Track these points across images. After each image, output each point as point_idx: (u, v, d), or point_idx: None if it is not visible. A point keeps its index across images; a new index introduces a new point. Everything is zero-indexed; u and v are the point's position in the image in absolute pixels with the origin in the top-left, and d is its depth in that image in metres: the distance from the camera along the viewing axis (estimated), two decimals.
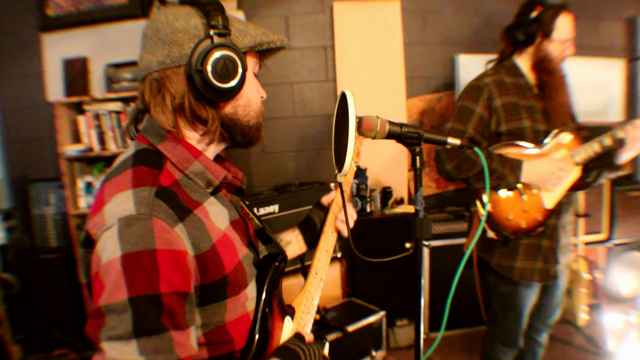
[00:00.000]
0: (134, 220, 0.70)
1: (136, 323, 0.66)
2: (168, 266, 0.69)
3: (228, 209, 0.89)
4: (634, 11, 3.37)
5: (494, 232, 1.74)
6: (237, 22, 0.85)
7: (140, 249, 0.68)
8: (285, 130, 3.15)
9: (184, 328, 0.71)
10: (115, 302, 0.66)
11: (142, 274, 0.67)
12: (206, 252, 0.77)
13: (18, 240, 3.01)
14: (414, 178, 0.98)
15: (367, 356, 2.65)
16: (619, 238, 2.92)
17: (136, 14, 2.93)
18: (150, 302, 0.67)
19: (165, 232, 0.71)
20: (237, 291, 0.84)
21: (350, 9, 3.08)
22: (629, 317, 2.77)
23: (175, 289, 0.70)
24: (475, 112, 1.74)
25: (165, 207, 0.73)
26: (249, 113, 0.88)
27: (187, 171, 0.82)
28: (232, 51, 0.80)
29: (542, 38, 1.71)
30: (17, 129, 3.06)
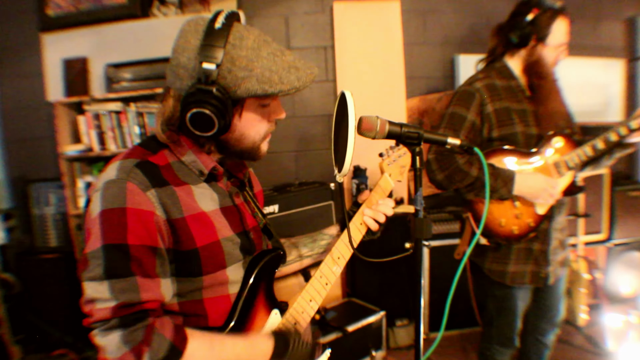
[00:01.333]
0: (113, 183, 0.84)
1: (107, 267, 0.79)
2: (135, 222, 0.82)
3: (220, 196, 0.98)
4: (634, 11, 3.37)
5: (486, 239, 1.73)
6: (242, 64, 0.86)
7: (113, 206, 0.82)
8: (285, 130, 3.15)
9: (152, 276, 0.83)
10: (93, 249, 0.81)
11: (112, 227, 0.81)
12: (176, 219, 0.87)
13: (18, 240, 3.01)
14: (414, 178, 0.98)
15: (367, 356, 2.65)
16: (619, 238, 2.92)
17: (136, 14, 2.93)
18: (118, 250, 0.80)
19: (136, 194, 0.84)
20: (212, 269, 0.92)
21: (350, 9, 3.08)
22: (629, 317, 2.77)
23: (142, 242, 0.82)
24: (466, 119, 1.70)
25: (141, 175, 0.86)
26: (242, 143, 0.96)
27: (183, 158, 0.94)
28: (209, 109, 0.85)
29: (536, 42, 1.67)
30: (17, 129, 3.07)
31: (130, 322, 0.78)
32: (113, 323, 0.78)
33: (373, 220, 1.17)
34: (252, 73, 0.86)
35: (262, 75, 0.87)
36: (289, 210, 2.70)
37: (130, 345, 0.77)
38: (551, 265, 1.77)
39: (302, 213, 2.74)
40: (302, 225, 2.69)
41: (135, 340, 0.77)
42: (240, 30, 0.87)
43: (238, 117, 0.92)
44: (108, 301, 0.78)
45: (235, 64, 0.86)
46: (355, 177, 2.97)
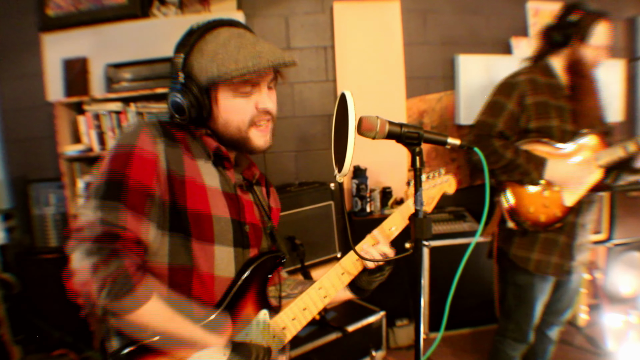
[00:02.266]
0: (131, 126, 0.96)
1: (101, 187, 0.88)
2: (139, 160, 0.90)
3: (224, 180, 1.03)
4: (634, 11, 3.37)
5: (514, 223, 1.83)
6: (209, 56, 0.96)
7: (125, 142, 0.93)
8: (285, 130, 3.15)
9: (139, 213, 0.88)
10: (99, 173, 0.91)
11: (119, 157, 0.90)
12: (174, 175, 0.94)
13: (18, 240, 3.01)
14: (414, 178, 0.98)
15: (367, 356, 2.65)
16: (619, 238, 2.92)
17: (136, 14, 2.93)
18: (116, 177, 0.88)
19: (148, 137, 0.93)
20: (200, 236, 0.96)
21: (350, 9, 3.08)
22: (629, 317, 2.77)
23: (140, 179, 0.89)
24: (506, 107, 1.81)
25: (156, 129, 0.95)
26: (227, 130, 1.03)
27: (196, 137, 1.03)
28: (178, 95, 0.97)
29: (578, 41, 1.76)
30: (17, 129, 3.06)
31: (100, 238, 0.83)
32: (86, 234, 0.83)
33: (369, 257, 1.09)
34: (214, 61, 0.95)
35: (222, 62, 0.95)
36: (289, 210, 2.70)
37: (91, 259, 0.81)
38: (575, 261, 1.85)
39: (302, 213, 2.74)
40: (302, 225, 2.69)
41: (96, 256, 0.81)
42: (220, 31, 0.99)
43: (216, 105, 1.00)
44: (90, 215, 0.85)
45: (203, 55, 0.97)
46: (355, 177, 2.97)
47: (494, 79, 1.87)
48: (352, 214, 2.98)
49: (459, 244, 2.86)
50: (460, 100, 3.22)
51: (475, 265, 2.89)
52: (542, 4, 3.30)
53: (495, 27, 3.26)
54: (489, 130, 1.81)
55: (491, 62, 3.18)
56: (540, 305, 1.90)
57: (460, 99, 3.22)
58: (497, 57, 3.21)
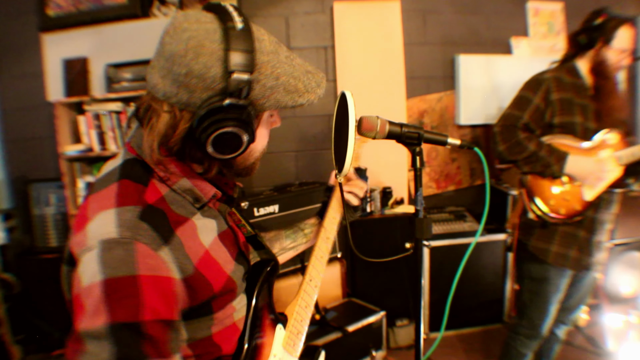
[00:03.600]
0: (116, 244, 0.66)
1: (116, 351, 0.62)
2: (151, 293, 0.66)
3: (217, 221, 0.86)
4: (634, 11, 3.37)
5: (534, 214, 1.89)
6: (268, 72, 0.75)
7: (121, 274, 0.65)
8: (285, 130, 3.15)
9: (167, 356, 0.67)
10: (95, 328, 0.63)
11: (122, 301, 0.64)
12: (191, 275, 0.74)
13: (18, 240, 3.01)
14: (414, 178, 0.98)
15: (367, 356, 2.65)
16: (619, 238, 2.91)
17: (136, 14, 2.93)
18: (130, 330, 0.64)
19: (149, 257, 0.68)
20: (223, 305, 0.83)
21: (350, 9, 3.08)
22: (629, 317, 2.77)
23: (158, 316, 0.66)
24: (532, 101, 1.87)
25: (150, 230, 0.70)
26: (247, 160, 0.85)
27: (174, 187, 0.79)
28: (241, 128, 0.73)
29: (602, 44, 1.83)
30: (17, 129, 3.06)
31: None
32: None
33: (352, 196, 1.19)
34: (279, 82, 0.76)
35: (287, 83, 0.77)
36: (289, 210, 2.70)
37: None
38: (593, 257, 1.90)
39: (302, 213, 2.74)
40: None
41: None
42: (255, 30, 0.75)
43: None
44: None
45: (262, 72, 0.74)
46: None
47: (494, 79, 1.89)
48: None
49: (459, 244, 2.86)
50: (461, 100, 3.22)
51: (476, 265, 2.89)
52: (542, 4, 3.30)
53: (495, 27, 3.26)
54: (514, 122, 1.87)
55: (491, 62, 3.18)
56: (556, 302, 1.93)
57: (461, 98, 3.22)
58: (497, 57, 3.21)
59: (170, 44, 0.72)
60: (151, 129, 0.75)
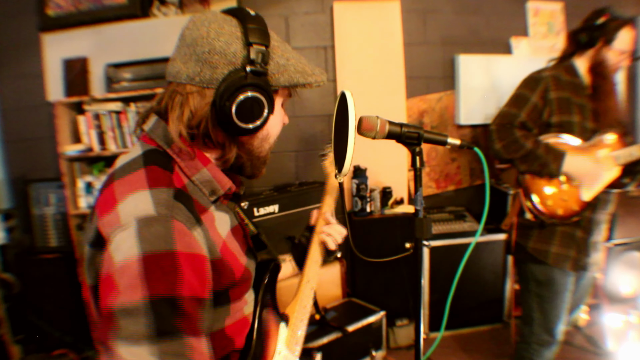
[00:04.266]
0: (154, 221, 0.68)
1: (152, 325, 0.63)
2: (188, 269, 0.68)
3: (229, 215, 0.89)
4: (634, 11, 3.37)
5: (531, 214, 1.88)
6: (279, 53, 0.82)
7: (161, 250, 0.66)
8: (285, 130, 3.11)
9: (199, 334, 0.69)
10: (132, 303, 0.63)
11: (162, 276, 0.65)
12: (218, 259, 0.77)
13: (18, 240, 3.01)
14: (414, 178, 0.98)
15: (367, 356, 2.65)
16: (619, 238, 2.91)
17: (136, 14, 2.93)
18: (168, 304, 0.65)
19: (185, 234, 0.70)
20: (239, 295, 0.86)
21: (350, 9, 3.08)
22: (629, 317, 2.77)
23: (194, 293, 0.68)
24: (530, 100, 1.86)
25: (184, 210, 0.73)
26: (263, 145, 0.89)
27: (194, 177, 0.81)
28: (262, 94, 0.78)
29: (602, 44, 1.83)
30: (17, 129, 3.06)
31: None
32: None
33: (331, 239, 1.18)
34: (289, 62, 0.83)
35: (296, 65, 0.83)
36: (289, 210, 2.70)
37: None
38: (590, 257, 1.89)
39: (302, 213, 2.74)
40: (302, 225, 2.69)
41: None
42: None
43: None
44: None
45: (274, 52, 0.81)
46: (356, 177, 2.97)
47: (494, 79, 1.89)
48: (352, 214, 2.98)
49: (459, 244, 2.86)
50: (460, 100, 3.22)
51: (476, 265, 2.89)
52: (542, 4, 3.30)
53: (495, 27, 3.26)
54: (511, 120, 1.86)
55: (491, 62, 3.18)
56: (566, 302, 1.89)
57: (461, 98, 3.22)
58: (497, 57, 3.21)
59: (192, 31, 0.79)
60: (176, 112, 0.79)
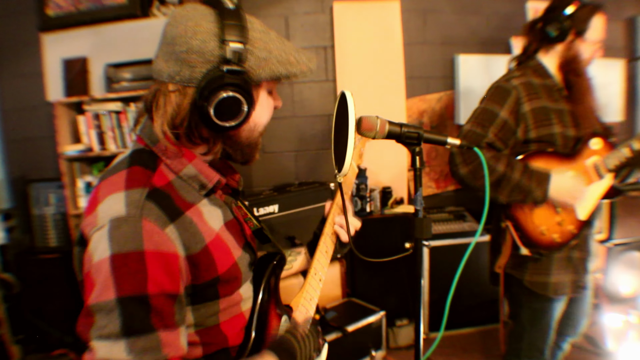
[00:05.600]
0: (124, 221, 0.71)
1: (124, 323, 0.67)
2: (156, 267, 0.71)
3: (222, 210, 0.90)
4: (634, 11, 3.37)
5: (528, 249, 1.64)
6: (260, 46, 0.81)
7: (128, 250, 0.70)
8: (285, 130, 3.15)
9: (173, 328, 0.72)
10: (104, 301, 0.68)
11: (129, 275, 0.69)
12: (198, 253, 0.78)
13: (18, 240, 3.01)
14: (414, 178, 0.98)
15: (367, 356, 2.65)
16: (619, 238, 2.91)
17: (136, 14, 2.93)
18: (138, 302, 0.69)
19: (155, 233, 0.72)
20: (230, 291, 0.86)
21: (350, 9, 3.08)
22: (629, 317, 2.76)
23: (163, 290, 0.71)
24: (498, 116, 1.61)
25: (156, 209, 0.75)
26: (252, 135, 0.89)
27: (181, 173, 0.83)
28: (239, 92, 0.78)
29: (574, 36, 1.61)
30: (17, 129, 3.06)
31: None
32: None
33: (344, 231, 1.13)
34: (272, 54, 0.82)
35: (279, 56, 0.82)
36: (289, 210, 2.70)
37: None
38: (588, 274, 1.73)
39: (302, 213, 2.74)
40: (302, 225, 2.69)
41: None
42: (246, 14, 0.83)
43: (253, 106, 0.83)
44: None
45: (255, 45, 0.80)
46: (355, 177, 2.96)
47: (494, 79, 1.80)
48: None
49: (459, 244, 2.86)
50: (460, 100, 3.22)
51: (475, 265, 2.88)
52: (542, 4, 3.27)
53: (495, 27, 3.26)
54: (477, 142, 1.60)
55: (491, 62, 3.18)
56: (556, 323, 1.76)
57: (460, 98, 3.22)
58: (497, 57, 3.21)
59: (171, 29, 0.80)
60: (160, 111, 0.81)
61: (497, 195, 1.61)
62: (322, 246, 1.11)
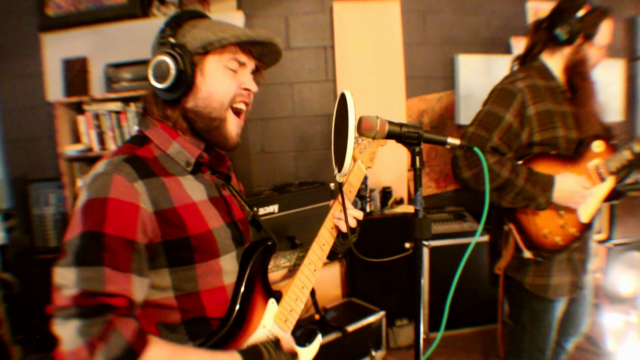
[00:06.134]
0: (100, 175, 0.85)
1: (78, 253, 0.78)
2: (115, 212, 0.81)
3: (207, 187, 1.00)
4: (634, 11, 3.37)
5: (531, 252, 1.65)
6: (202, 29, 0.95)
7: (95, 196, 0.82)
8: (285, 130, 3.15)
9: (124, 271, 0.80)
10: (70, 237, 0.80)
11: (92, 215, 0.80)
12: (166, 210, 0.87)
13: (18, 240, 3.01)
14: (414, 178, 0.98)
15: (367, 356, 2.65)
16: (619, 238, 2.91)
17: (136, 14, 2.93)
18: (93, 238, 0.79)
19: (122, 185, 0.83)
20: (205, 258, 0.92)
21: (350, 9, 3.08)
22: (629, 317, 2.76)
23: (119, 233, 0.80)
24: (503, 119, 1.61)
25: (129, 168, 0.86)
26: (209, 104, 0.96)
27: (168, 151, 0.96)
28: (167, 55, 0.91)
29: (583, 40, 1.61)
30: (17, 129, 3.07)
31: (89, 313, 0.75)
32: (72, 312, 0.76)
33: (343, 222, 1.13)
34: (209, 29, 0.95)
35: (218, 30, 0.95)
36: (289, 210, 2.70)
37: (85, 338, 0.73)
38: (587, 274, 1.74)
39: (302, 213, 2.73)
40: (302, 225, 2.69)
41: (90, 334, 0.74)
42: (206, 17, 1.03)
43: (201, 75, 0.94)
44: (71, 288, 0.77)
45: (196, 27, 0.96)
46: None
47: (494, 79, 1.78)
48: None
49: (459, 244, 2.86)
50: (460, 100, 3.22)
51: (475, 265, 2.88)
52: (542, 4, 3.30)
53: (495, 27, 3.26)
54: (481, 145, 1.59)
55: (491, 62, 3.18)
56: (557, 323, 1.77)
57: (460, 98, 3.22)
58: (497, 57, 3.21)
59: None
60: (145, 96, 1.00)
61: (501, 201, 1.61)
62: (319, 238, 1.12)
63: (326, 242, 1.13)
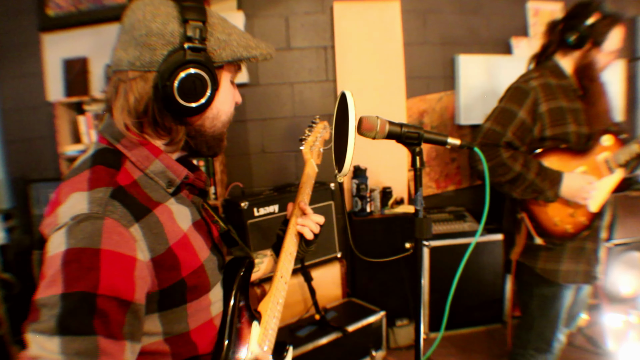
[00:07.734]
0: (85, 218, 0.68)
1: (63, 319, 0.62)
2: (110, 268, 0.66)
3: (190, 210, 0.87)
4: (634, 11, 3.37)
5: (542, 239, 1.75)
6: (219, 29, 0.80)
7: (83, 245, 0.65)
8: (285, 130, 3.15)
9: (118, 338, 0.66)
10: (48, 295, 0.63)
11: (79, 270, 0.64)
12: (162, 254, 0.75)
13: (18, 240, 3.01)
14: (414, 178, 0.98)
15: (367, 356, 2.65)
16: (619, 238, 2.92)
17: None
18: (82, 300, 0.63)
19: (116, 233, 0.68)
20: (197, 295, 0.82)
21: (350, 9, 3.08)
22: (629, 317, 2.77)
23: (114, 293, 0.66)
24: (517, 116, 1.71)
25: (121, 207, 0.71)
26: (216, 124, 0.86)
27: (147, 170, 0.80)
28: (203, 69, 0.77)
29: (591, 45, 1.70)
30: (17, 129, 3.06)
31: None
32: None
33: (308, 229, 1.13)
34: (231, 37, 0.81)
35: (239, 40, 0.82)
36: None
37: None
38: (600, 264, 1.82)
39: None
40: None
41: None
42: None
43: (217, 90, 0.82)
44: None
45: (214, 28, 0.79)
46: (356, 177, 2.97)
47: (494, 79, 1.84)
48: (352, 214, 2.98)
49: (459, 244, 2.86)
50: (460, 100, 3.22)
51: (476, 265, 2.89)
52: (542, 4, 3.30)
53: (495, 27, 3.27)
54: (496, 140, 1.70)
55: (491, 62, 3.18)
56: (564, 313, 1.84)
57: (460, 99, 3.22)
58: (497, 57, 3.21)
59: (129, 18, 0.78)
60: (119, 101, 0.78)
61: (512, 192, 1.73)
62: (286, 248, 1.11)
63: (292, 252, 1.13)
